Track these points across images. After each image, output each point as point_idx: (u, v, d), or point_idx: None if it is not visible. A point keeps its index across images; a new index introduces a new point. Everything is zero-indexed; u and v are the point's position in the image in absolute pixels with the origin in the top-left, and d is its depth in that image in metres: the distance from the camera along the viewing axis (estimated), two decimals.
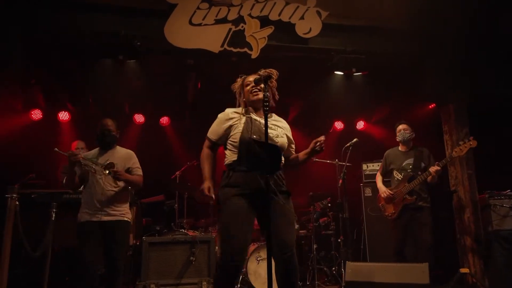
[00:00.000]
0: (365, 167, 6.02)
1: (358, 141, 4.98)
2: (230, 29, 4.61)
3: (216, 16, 4.59)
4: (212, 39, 4.58)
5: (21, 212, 3.20)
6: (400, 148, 4.80)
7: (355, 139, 4.98)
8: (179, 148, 7.03)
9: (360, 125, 7.49)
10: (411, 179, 4.49)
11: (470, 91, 5.23)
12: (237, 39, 4.63)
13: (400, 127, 4.74)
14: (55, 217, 3.69)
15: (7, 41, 4.30)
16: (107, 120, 3.80)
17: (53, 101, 6.35)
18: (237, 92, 2.98)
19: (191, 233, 4.85)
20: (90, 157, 3.69)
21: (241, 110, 2.88)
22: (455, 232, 5.32)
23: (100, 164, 3.56)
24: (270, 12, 4.68)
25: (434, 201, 4.66)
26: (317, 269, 5.17)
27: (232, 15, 4.61)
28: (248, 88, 2.88)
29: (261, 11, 4.67)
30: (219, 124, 2.89)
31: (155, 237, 4.78)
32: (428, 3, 4.58)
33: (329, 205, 5.74)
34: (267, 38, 4.68)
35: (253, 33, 4.67)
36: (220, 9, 4.59)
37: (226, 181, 2.72)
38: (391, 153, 4.87)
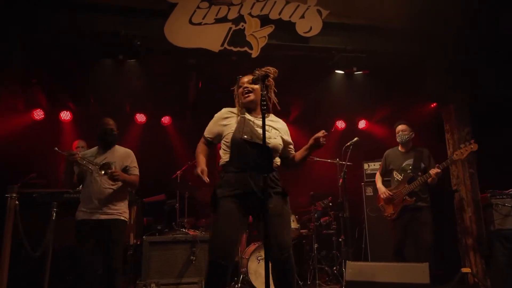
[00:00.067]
0: (366, 166, 6.01)
1: (359, 140, 4.98)
2: (230, 28, 4.60)
3: (216, 15, 4.58)
4: (212, 38, 4.58)
5: (22, 212, 3.19)
6: (400, 149, 4.77)
7: (355, 138, 4.99)
8: (180, 148, 7.02)
9: (361, 124, 7.47)
10: (411, 180, 4.47)
11: (471, 91, 5.22)
12: (237, 38, 4.62)
13: (399, 127, 4.71)
14: (55, 216, 3.68)
15: (7, 41, 4.31)
16: (108, 119, 3.81)
17: (55, 101, 6.36)
18: (234, 93, 2.99)
19: (191, 232, 4.85)
20: (89, 155, 3.70)
21: (237, 110, 2.88)
22: (456, 232, 5.31)
23: (96, 164, 3.57)
24: (270, 11, 4.67)
25: (436, 200, 4.64)
26: (318, 268, 5.16)
27: (232, 14, 4.61)
28: (240, 90, 2.88)
29: (261, 10, 4.66)
30: (214, 123, 2.91)
31: (155, 236, 4.79)
32: (428, 3, 4.56)
33: (330, 204, 5.73)
34: (267, 37, 4.67)
35: (253, 32, 4.66)
36: (220, 8, 4.59)
37: (219, 181, 2.72)
38: (391, 153, 4.85)
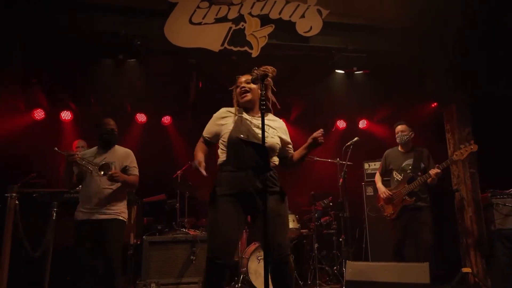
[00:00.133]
0: (366, 166, 5.99)
1: (359, 140, 4.97)
2: (230, 28, 4.60)
3: (216, 15, 4.57)
4: (212, 38, 4.57)
5: (22, 212, 3.20)
6: (399, 149, 4.75)
7: (355, 138, 4.98)
8: (180, 148, 7.02)
9: (362, 123, 7.47)
10: (410, 180, 4.46)
11: (471, 91, 5.20)
12: (237, 38, 4.61)
13: (398, 128, 4.69)
14: (55, 216, 3.69)
15: (7, 41, 4.31)
16: (109, 119, 3.80)
17: (55, 101, 6.37)
18: (233, 92, 2.99)
19: (192, 232, 4.85)
20: (88, 155, 3.70)
21: (235, 110, 2.88)
22: (457, 232, 5.30)
23: (95, 164, 3.56)
24: (270, 10, 4.67)
25: (436, 200, 4.63)
26: (319, 268, 5.17)
27: (232, 14, 4.60)
28: (238, 90, 2.88)
29: (261, 10, 4.65)
30: (212, 122, 2.90)
31: (156, 236, 4.80)
32: (428, 3, 4.56)
33: (330, 204, 5.73)
34: (267, 37, 4.67)
35: (253, 32, 4.65)
36: (220, 8, 4.58)
37: (216, 181, 2.72)
38: (390, 153, 4.84)
